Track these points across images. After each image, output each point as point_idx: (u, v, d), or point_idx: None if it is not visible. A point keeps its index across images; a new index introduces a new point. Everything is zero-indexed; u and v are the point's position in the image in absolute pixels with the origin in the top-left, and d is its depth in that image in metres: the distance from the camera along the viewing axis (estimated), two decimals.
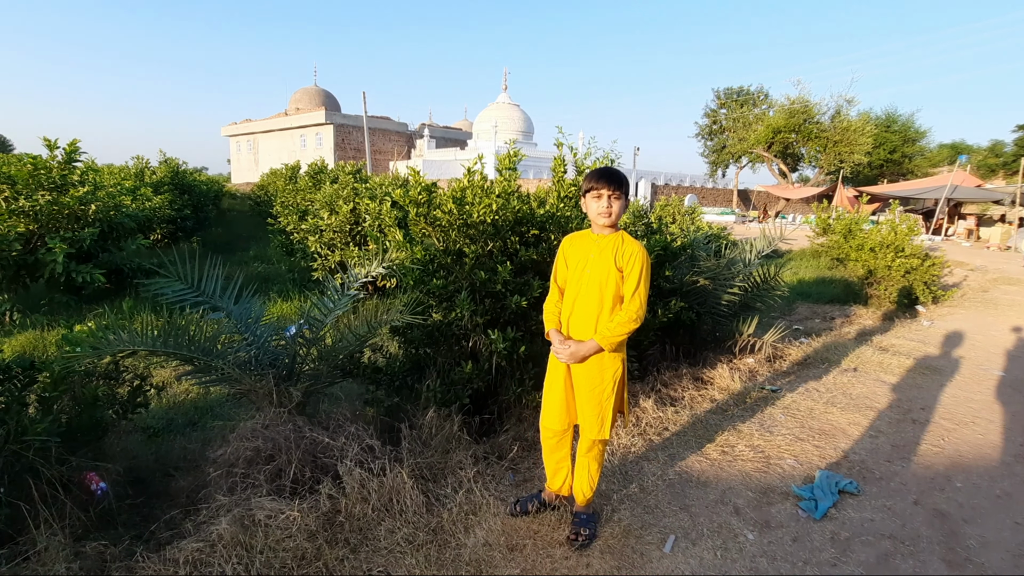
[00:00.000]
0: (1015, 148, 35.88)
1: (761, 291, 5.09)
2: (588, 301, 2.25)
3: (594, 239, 2.29)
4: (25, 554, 2.12)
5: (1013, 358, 5.36)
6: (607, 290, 2.22)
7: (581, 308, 2.27)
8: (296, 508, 2.34)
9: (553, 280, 2.39)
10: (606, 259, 2.23)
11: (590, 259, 2.26)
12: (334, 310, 3.16)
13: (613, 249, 2.23)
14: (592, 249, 2.27)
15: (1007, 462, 3.23)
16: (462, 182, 3.44)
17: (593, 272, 2.24)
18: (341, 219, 7.53)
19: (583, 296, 2.26)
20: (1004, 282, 10.20)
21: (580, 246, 2.32)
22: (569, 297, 2.32)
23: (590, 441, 2.37)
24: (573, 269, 2.31)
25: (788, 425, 3.61)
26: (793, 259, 12.50)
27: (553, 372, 2.39)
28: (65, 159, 6.89)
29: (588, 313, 2.25)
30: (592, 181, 2.22)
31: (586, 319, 2.26)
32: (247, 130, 46.45)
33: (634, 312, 2.19)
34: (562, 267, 2.36)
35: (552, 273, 2.40)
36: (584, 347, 2.22)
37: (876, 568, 2.28)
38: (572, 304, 2.30)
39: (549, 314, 2.37)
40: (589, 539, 2.38)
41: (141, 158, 14.08)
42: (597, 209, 2.23)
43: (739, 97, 35.75)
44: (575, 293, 2.28)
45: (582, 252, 2.30)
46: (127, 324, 2.85)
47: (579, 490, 2.46)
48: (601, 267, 2.23)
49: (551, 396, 2.39)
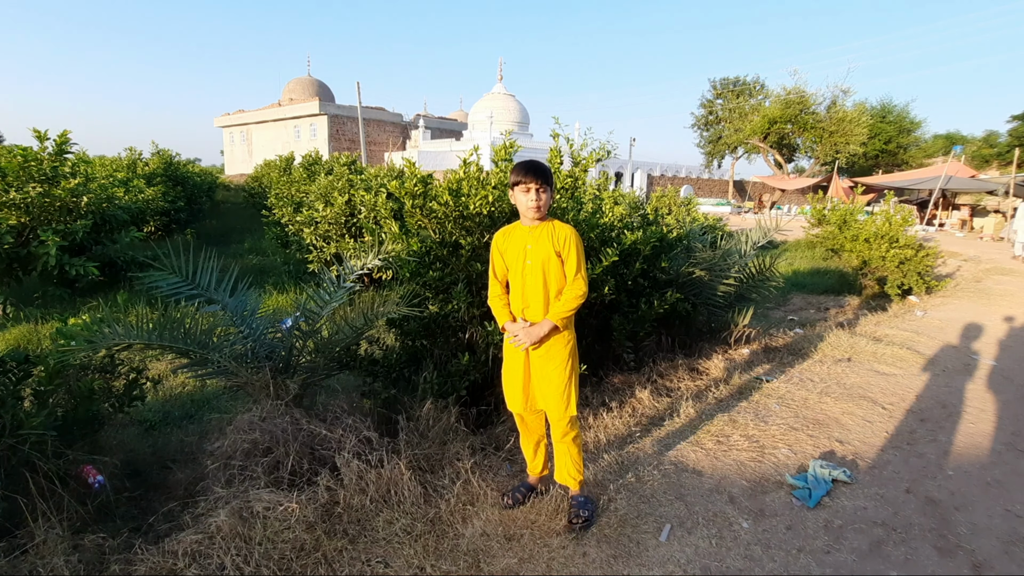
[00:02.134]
0: (1009, 139, 35.98)
1: (756, 282, 5.11)
2: (536, 289, 2.35)
3: (527, 230, 2.39)
4: (23, 547, 2.12)
5: (1005, 347, 5.41)
6: (551, 275, 2.35)
7: (532, 297, 2.37)
8: (294, 500, 2.35)
9: (492, 274, 2.47)
10: (544, 247, 2.34)
11: (527, 250, 2.36)
12: (330, 302, 3.16)
13: (548, 236, 2.35)
14: (527, 240, 2.37)
15: (998, 450, 3.27)
16: (458, 173, 3.42)
17: (535, 261, 2.34)
18: (336, 211, 7.49)
19: (530, 286, 2.36)
20: (997, 272, 10.26)
21: (515, 239, 2.40)
22: (516, 290, 2.40)
23: (561, 422, 2.44)
24: (512, 262, 2.40)
25: (782, 415, 3.64)
26: (788, 250, 12.55)
27: (510, 360, 2.47)
28: (56, 151, 6.81)
29: (538, 300, 2.36)
30: (519, 175, 2.32)
31: (537, 306, 2.36)
32: (240, 121, 45.99)
33: (579, 289, 2.33)
34: (499, 260, 2.44)
35: (490, 268, 2.48)
36: (540, 327, 2.33)
37: (868, 555, 2.31)
38: (522, 296, 2.39)
39: (499, 309, 2.46)
40: (588, 521, 2.44)
41: (133, 149, 13.97)
42: (526, 202, 2.33)
43: (735, 87, 35.69)
44: (521, 284, 2.38)
45: (518, 244, 2.38)
46: (122, 317, 2.84)
47: (567, 475, 2.52)
48: (541, 255, 2.34)
49: (513, 381, 2.48)
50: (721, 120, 36.24)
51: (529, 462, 2.67)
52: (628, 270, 3.81)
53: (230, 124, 47.44)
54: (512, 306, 2.44)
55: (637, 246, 3.74)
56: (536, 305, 2.36)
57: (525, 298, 2.38)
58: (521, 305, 2.39)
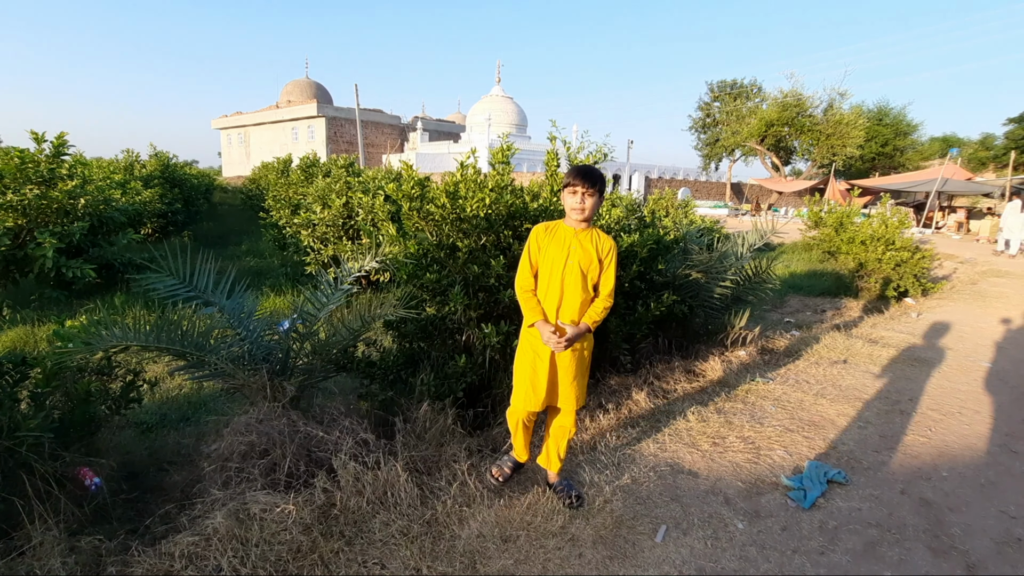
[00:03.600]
0: (1005, 141, 36.12)
1: (753, 284, 5.12)
2: (575, 290, 2.40)
3: (572, 232, 2.44)
4: (20, 549, 2.12)
5: (1000, 349, 5.43)
6: (590, 280, 2.43)
7: (570, 297, 2.41)
8: (291, 502, 2.35)
9: (527, 265, 2.46)
10: (588, 250, 2.42)
11: (572, 250, 2.41)
12: (327, 304, 3.16)
13: (592, 242, 2.44)
14: (572, 241, 2.42)
15: (992, 452, 3.29)
16: (455, 176, 3.43)
17: (576, 262, 2.40)
18: (334, 213, 7.50)
19: (570, 285, 2.40)
20: (993, 274, 10.31)
21: (558, 237, 2.44)
22: (553, 287, 2.41)
23: (573, 414, 2.56)
24: (551, 258, 2.42)
25: (778, 416, 3.65)
26: (785, 252, 12.58)
27: (532, 359, 2.48)
28: (53, 152, 6.82)
29: (575, 300, 2.41)
30: (570, 177, 2.39)
31: (573, 306, 2.41)
32: (238, 123, 45.99)
33: (612, 298, 2.48)
34: (536, 253, 2.46)
35: (524, 258, 2.47)
36: (579, 332, 2.39)
37: (863, 556, 2.33)
38: (559, 294, 2.41)
39: (532, 305, 2.44)
40: (580, 499, 2.61)
41: (131, 151, 13.95)
42: (572, 204, 2.40)
43: (732, 90, 35.78)
44: (560, 281, 2.40)
45: (561, 242, 2.42)
46: (119, 319, 2.84)
47: (556, 459, 2.67)
48: (585, 259, 2.41)
49: (533, 382, 2.48)
50: (718, 123, 36.32)
51: (521, 450, 2.77)
52: (625, 272, 3.82)
53: (228, 126, 47.44)
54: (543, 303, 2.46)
55: (634, 248, 3.75)
56: (572, 303, 2.40)
57: (562, 296, 2.41)
58: (554, 302, 2.41)
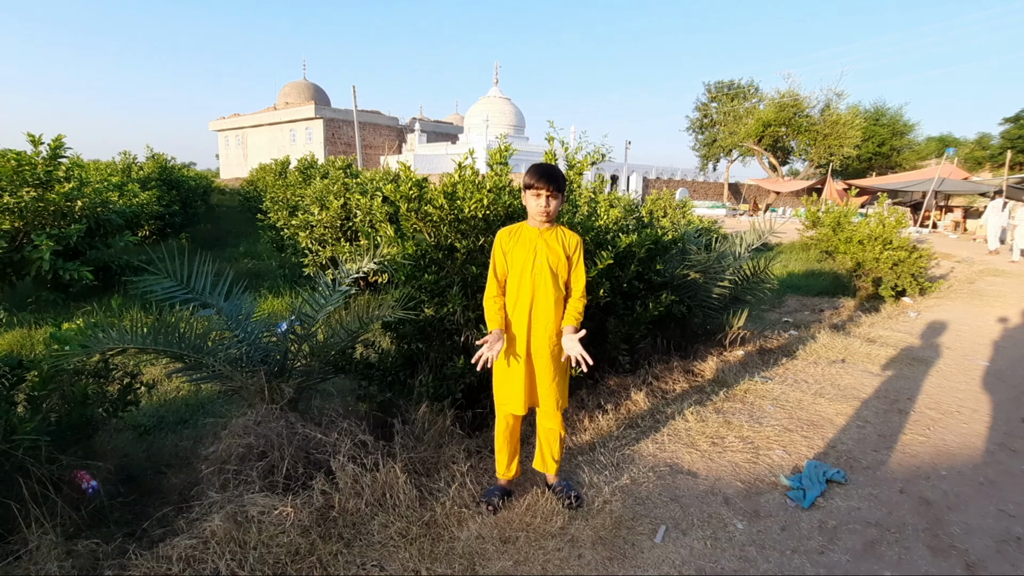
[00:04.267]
0: (1001, 141, 36.24)
1: (751, 284, 5.13)
2: (547, 290, 2.40)
3: (536, 232, 2.42)
4: (17, 553, 2.11)
5: (998, 348, 5.44)
6: (561, 277, 2.43)
7: (542, 297, 2.40)
8: (289, 504, 2.34)
9: (492, 273, 2.45)
10: (556, 250, 2.41)
11: (538, 250, 2.39)
12: (325, 306, 3.16)
13: (559, 240, 2.43)
14: (538, 242, 2.41)
15: (991, 450, 3.29)
16: (453, 177, 3.43)
17: (545, 261, 2.39)
18: (332, 214, 7.49)
19: (541, 286, 2.40)
20: (990, 273, 10.34)
21: (523, 239, 2.42)
22: (524, 290, 2.40)
23: (558, 414, 2.55)
24: (518, 261, 2.41)
25: (777, 416, 3.65)
26: (783, 252, 12.61)
27: (510, 363, 2.46)
28: (50, 155, 6.80)
29: (547, 300, 2.40)
30: (532, 179, 2.35)
31: (547, 306, 2.41)
32: (236, 125, 45.93)
33: (584, 296, 2.47)
34: (501, 259, 2.44)
35: (491, 267, 2.46)
36: (574, 336, 2.35)
37: (862, 555, 2.32)
38: (531, 296, 2.40)
39: (494, 313, 2.43)
40: (579, 499, 2.60)
41: (128, 154, 13.93)
42: (536, 207, 2.37)
43: (730, 91, 35.85)
44: (530, 283, 2.39)
45: (527, 244, 2.41)
46: (116, 322, 2.83)
47: (550, 461, 2.65)
48: (553, 257, 2.40)
49: (514, 384, 2.47)
50: (716, 123, 36.39)
51: (505, 467, 2.65)
52: (623, 272, 3.82)
53: (225, 128, 47.37)
54: (510, 307, 2.44)
55: (632, 249, 3.75)
56: (545, 304, 2.39)
57: (534, 297, 2.39)
58: (526, 304, 2.40)
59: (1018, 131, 34.82)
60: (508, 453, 2.64)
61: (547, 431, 2.60)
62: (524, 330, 2.43)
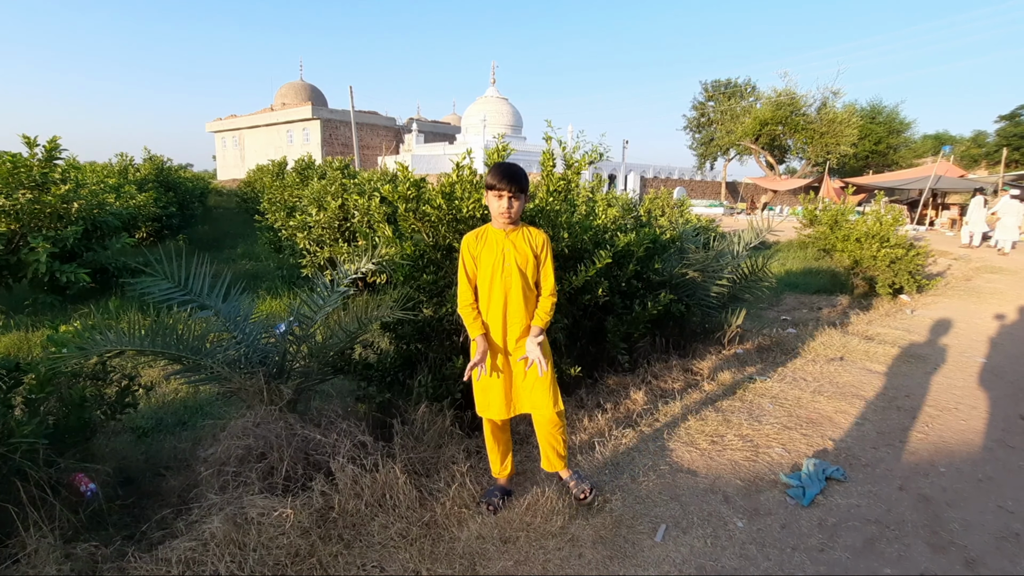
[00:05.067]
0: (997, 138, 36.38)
1: (749, 282, 5.14)
2: (517, 291, 2.38)
3: (503, 234, 2.40)
4: (15, 557, 2.10)
5: (995, 345, 5.46)
6: (531, 278, 2.41)
7: (514, 299, 2.39)
8: (289, 505, 2.33)
9: (464, 279, 2.42)
10: (523, 249, 2.39)
11: (506, 253, 2.37)
12: (324, 307, 3.15)
13: (525, 240, 2.41)
14: (504, 243, 2.39)
15: (989, 447, 3.30)
16: (451, 177, 3.43)
17: (513, 264, 2.37)
18: (329, 215, 7.48)
19: (512, 288, 2.38)
20: (987, 271, 10.36)
21: (490, 242, 2.40)
22: (496, 293, 2.38)
23: (551, 417, 2.50)
24: (487, 264, 2.38)
25: (776, 414, 3.65)
26: (780, 250, 12.62)
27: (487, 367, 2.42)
28: (46, 157, 6.78)
29: (519, 302, 2.39)
30: (494, 179, 2.31)
31: (519, 308, 2.40)
32: (233, 126, 45.87)
33: (554, 294, 2.46)
34: (470, 264, 2.42)
35: (460, 272, 2.43)
36: (542, 337, 2.39)
37: (862, 553, 2.33)
38: (504, 299, 2.38)
39: (473, 320, 2.41)
40: (593, 490, 2.59)
41: (125, 155, 13.88)
42: (498, 208, 2.34)
43: (727, 90, 35.89)
44: (502, 285, 2.37)
45: (494, 247, 2.39)
46: (114, 324, 2.81)
47: (557, 462, 2.62)
48: (521, 258, 2.38)
49: (493, 391, 2.45)
50: (713, 122, 36.43)
51: (500, 467, 2.66)
52: (622, 272, 3.82)
53: (222, 129, 47.29)
54: (484, 312, 2.43)
55: (630, 248, 3.75)
56: (517, 305, 2.38)
57: (506, 300, 2.37)
58: (499, 308, 2.38)
59: (1014, 128, 34.95)
60: (499, 453, 2.64)
61: (543, 427, 2.56)
62: (500, 334, 2.41)
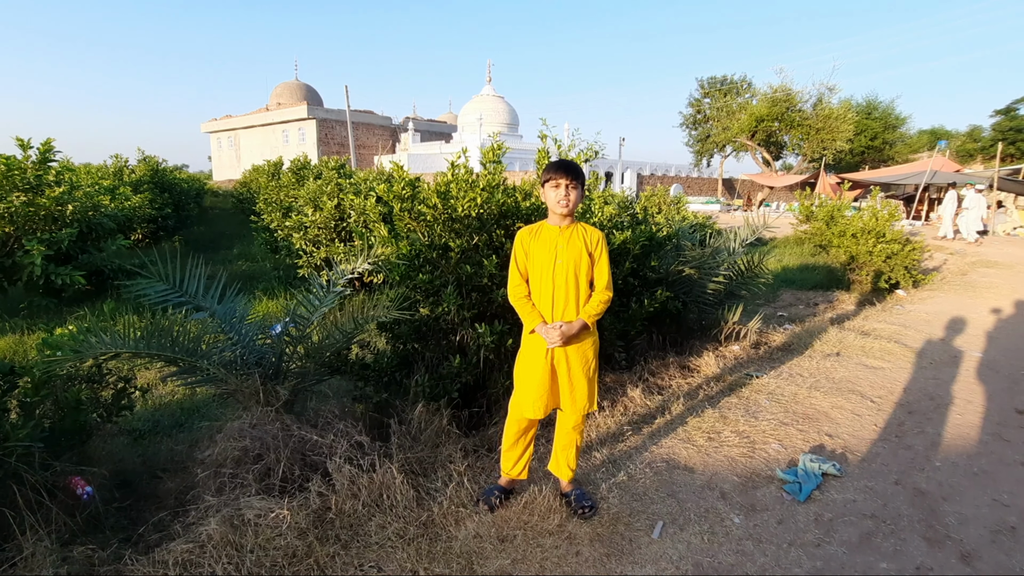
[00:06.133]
0: (992, 133, 36.46)
1: (746, 279, 5.15)
2: (569, 289, 2.35)
3: (557, 230, 2.38)
4: (12, 560, 2.10)
5: (991, 339, 5.48)
6: (582, 275, 2.37)
7: (564, 297, 2.36)
8: (286, 506, 2.33)
9: (515, 270, 2.41)
10: (576, 247, 2.36)
11: (559, 249, 2.35)
12: (320, 307, 3.15)
13: (580, 237, 2.38)
14: (558, 240, 2.36)
15: (985, 441, 3.31)
16: (446, 176, 3.42)
17: (566, 261, 2.34)
18: (325, 215, 7.47)
19: (560, 285, 2.35)
20: (982, 265, 10.39)
21: (543, 238, 2.39)
22: (545, 290, 2.37)
23: (580, 418, 2.50)
24: (539, 261, 2.37)
25: (772, 410, 3.66)
26: (777, 247, 12.65)
27: (533, 363, 2.41)
28: (39, 159, 6.75)
29: (570, 299, 2.36)
30: (550, 172, 2.33)
31: (569, 305, 2.36)
32: (228, 126, 45.68)
33: (610, 291, 2.42)
34: (522, 258, 2.41)
35: (512, 266, 2.42)
36: (574, 326, 2.33)
37: (858, 547, 2.34)
38: (552, 296, 2.36)
39: (529, 310, 2.38)
40: (593, 508, 2.54)
41: (119, 157, 13.84)
42: (555, 198, 2.33)
43: (723, 86, 35.90)
44: (551, 283, 2.36)
45: (547, 243, 2.37)
46: (109, 326, 2.81)
47: (566, 467, 2.59)
48: (573, 255, 2.35)
49: (534, 387, 2.41)
50: (709, 119, 36.45)
51: (512, 466, 2.61)
52: (618, 269, 3.82)
53: (217, 130, 47.11)
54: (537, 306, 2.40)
55: (627, 245, 3.75)
56: (568, 303, 2.35)
57: (555, 298, 2.35)
58: (548, 304, 2.36)
59: (1009, 123, 35.03)
60: (518, 453, 2.59)
61: (566, 434, 2.53)
62: None
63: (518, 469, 2.62)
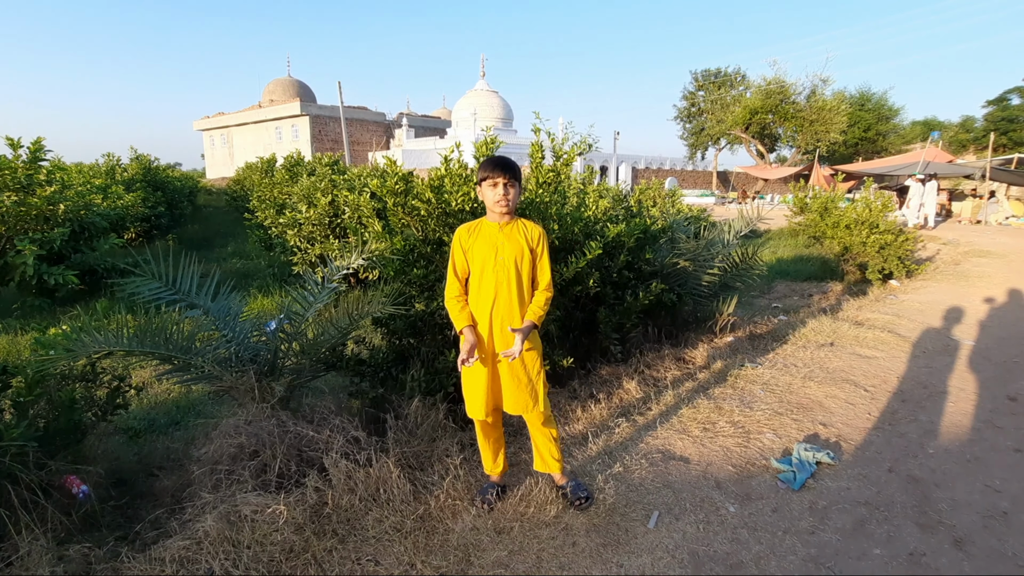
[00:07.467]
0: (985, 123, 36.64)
1: (740, 271, 5.16)
2: (509, 286, 2.30)
3: (496, 227, 2.33)
4: (8, 560, 2.09)
5: (984, 328, 5.52)
6: (524, 272, 2.33)
7: (504, 295, 2.30)
8: (282, 502, 2.34)
9: (452, 272, 2.35)
10: (517, 243, 2.32)
11: (499, 247, 2.30)
12: (315, 303, 3.14)
13: (521, 233, 2.34)
14: (498, 237, 2.31)
15: (977, 428, 3.34)
16: (440, 170, 3.42)
17: (507, 258, 2.29)
18: (320, 212, 7.44)
19: (503, 282, 2.29)
20: (975, 255, 10.46)
21: (483, 236, 2.33)
22: (486, 288, 2.31)
23: (536, 416, 2.44)
24: (479, 259, 2.31)
25: (767, 400, 3.68)
26: (771, 238, 12.69)
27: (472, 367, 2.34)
28: (30, 158, 6.70)
29: (511, 297, 2.30)
30: (487, 170, 2.27)
31: (510, 304, 2.30)
32: (221, 124, 45.43)
33: (550, 288, 2.36)
34: (460, 258, 2.35)
35: (449, 266, 2.36)
36: (526, 331, 2.27)
37: (852, 534, 2.36)
38: (493, 293, 2.30)
39: (459, 312, 2.33)
40: (589, 499, 2.54)
41: (111, 155, 13.73)
42: (494, 198, 2.28)
43: (717, 79, 35.91)
44: (492, 281, 2.29)
45: (487, 241, 2.31)
46: (102, 325, 2.80)
47: (551, 462, 2.56)
48: (515, 251, 2.31)
49: (476, 389, 2.37)
50: (703, 112, 36.47)
51: (492, 464, 2.61)
52: (613, 263, 3.83)
53: (210, 127, 46.85)
54: (472, 306, 2.35)
55: (621, 238, 3.76)
56: (507, 301, 2.29)
57: (496, 295, 2.29)
58: (488, 303, 2.30)
59: (1001, 113, 35.22)
60: (491, 451, 2.58)
61: (537, 432, 2.51)
62: (486, 331, 2.32)
63: (498, 467, 2.62)
